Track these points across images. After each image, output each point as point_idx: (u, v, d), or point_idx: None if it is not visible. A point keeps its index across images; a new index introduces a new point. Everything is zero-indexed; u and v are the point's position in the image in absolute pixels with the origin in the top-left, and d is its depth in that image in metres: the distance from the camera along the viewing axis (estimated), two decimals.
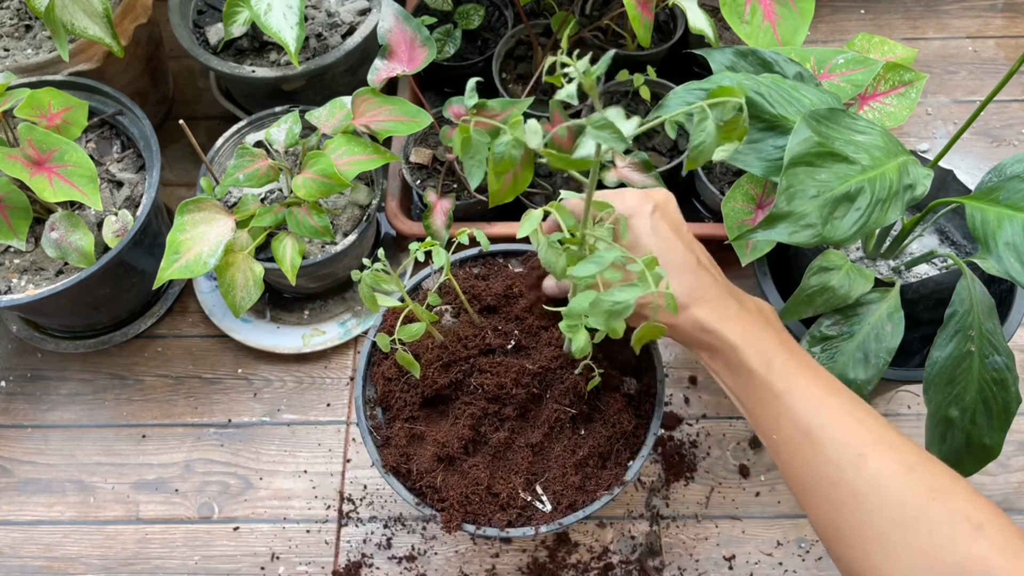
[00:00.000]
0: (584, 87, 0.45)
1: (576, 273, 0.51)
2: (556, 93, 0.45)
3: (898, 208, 0.59)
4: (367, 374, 0.74)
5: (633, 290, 0.49)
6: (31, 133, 0.80)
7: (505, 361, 0.69)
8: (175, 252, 0.78)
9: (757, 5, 0.80)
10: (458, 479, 0.68)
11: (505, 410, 0.69)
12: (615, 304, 0.49)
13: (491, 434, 0.69)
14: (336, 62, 0.98)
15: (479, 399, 0.69)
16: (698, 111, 0.46)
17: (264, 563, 0.87)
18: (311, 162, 0.80)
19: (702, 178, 0.97)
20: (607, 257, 0.51)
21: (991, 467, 0.90)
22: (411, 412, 0.71)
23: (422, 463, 0.69)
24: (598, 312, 0.50)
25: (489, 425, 0.69)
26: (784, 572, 0.86)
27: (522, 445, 0.69)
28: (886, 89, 0.83)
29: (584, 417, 0.70)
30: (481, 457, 0.68)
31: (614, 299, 0.49)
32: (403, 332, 0.64)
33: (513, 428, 0.69)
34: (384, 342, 0.64)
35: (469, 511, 0.67)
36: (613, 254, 0.51)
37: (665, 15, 1.11)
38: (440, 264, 0.63)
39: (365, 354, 0.74)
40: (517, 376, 0.68)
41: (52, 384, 0.99)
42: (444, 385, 0.70)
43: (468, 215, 0.97)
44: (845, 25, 1.25)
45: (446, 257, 0.64)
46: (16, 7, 1.03)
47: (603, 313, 0.50)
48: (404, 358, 0.64)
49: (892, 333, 0.67)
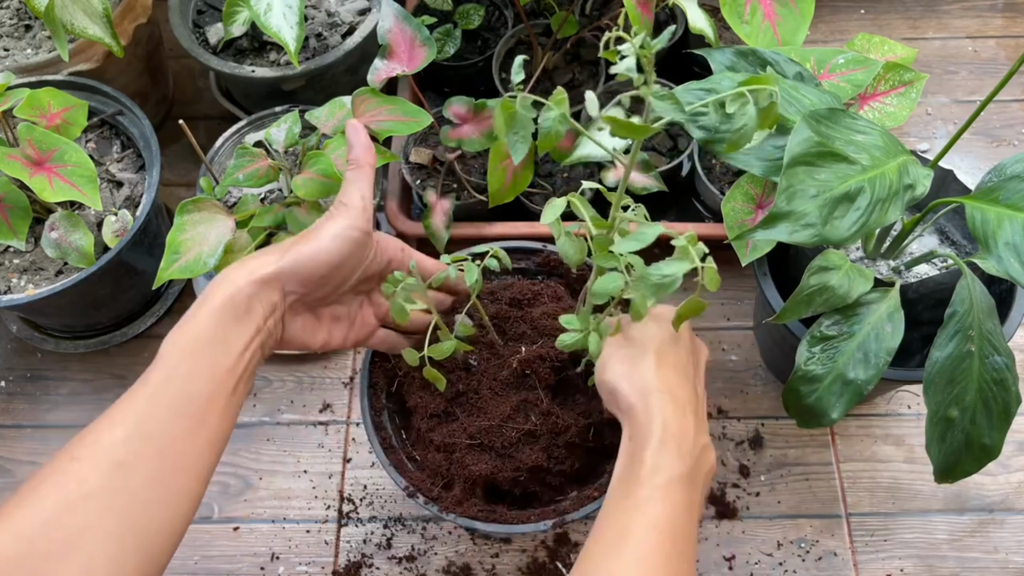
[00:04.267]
0: (641, 61, 0.45)
1: (619, 249, 0.52)
2: (611, 68, 0.45)
3: (898, 208, 0.59)
4: (369, 374, 0.74)
5: (680, 264, 0.50)
6: (31, 133, 0.80)
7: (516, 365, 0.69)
8: (175, 252, 0.78)
9: (757, 5, 0.79)
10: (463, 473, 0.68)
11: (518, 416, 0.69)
12: (663, 277, 0.50)
13: (498, 438, 0.69)
14: (336, 62, 0.98)
15: (487, 414, 0.69)
16: (738, 96, 0.46)
17: (264, 563, 0.87)
18: (311, 162, 0.80)
19: (702, 178, 0.97)
20: (650, 234, 0.51)
21: (991, 467, 0.90)
22: (424, 415, 0.71)
23: (428, 461, 0.69)
24: (645, 286, 0.51)
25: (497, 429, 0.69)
26: (784, 572, 0.86)
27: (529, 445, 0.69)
28: (886, 89, 0.83)
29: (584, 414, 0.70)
30: (487, 452, 0.68)
31: (662, 272, 0.50)
32: (433, 351, 0.64)
33: (522, 435, 0.69)
34: (412, 357, 0.64)
35: (474, 508, 0.67)
36: (655, 230, 0.51)
37: (665, 15, 1.11)
38: (472, 281, 0.63)
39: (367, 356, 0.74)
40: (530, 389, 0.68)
41: (52, 384, 0.99)
42: (460, 392, 0.70)
43: (468, 215, 0.97)
44: (845, 25, 1.25)
45: (478, 274, 0.63)
46: (16, 7, 1.03)
47: (651, 287, 0.50)
48: (431, 374, 0.65)
49: (892, 333, 0.67)
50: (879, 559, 0.86)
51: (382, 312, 0.67)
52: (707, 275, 0.51)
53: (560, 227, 0.56)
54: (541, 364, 0.69)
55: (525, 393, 0.68)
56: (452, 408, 0.70)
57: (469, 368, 0.70)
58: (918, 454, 0.91)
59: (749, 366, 0.97)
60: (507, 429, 0.67)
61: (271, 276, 0.56)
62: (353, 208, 0.59)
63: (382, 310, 0.67)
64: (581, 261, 0.57)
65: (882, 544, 0.87)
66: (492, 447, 0.68)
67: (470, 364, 0.70)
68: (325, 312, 0.63)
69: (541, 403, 0.68)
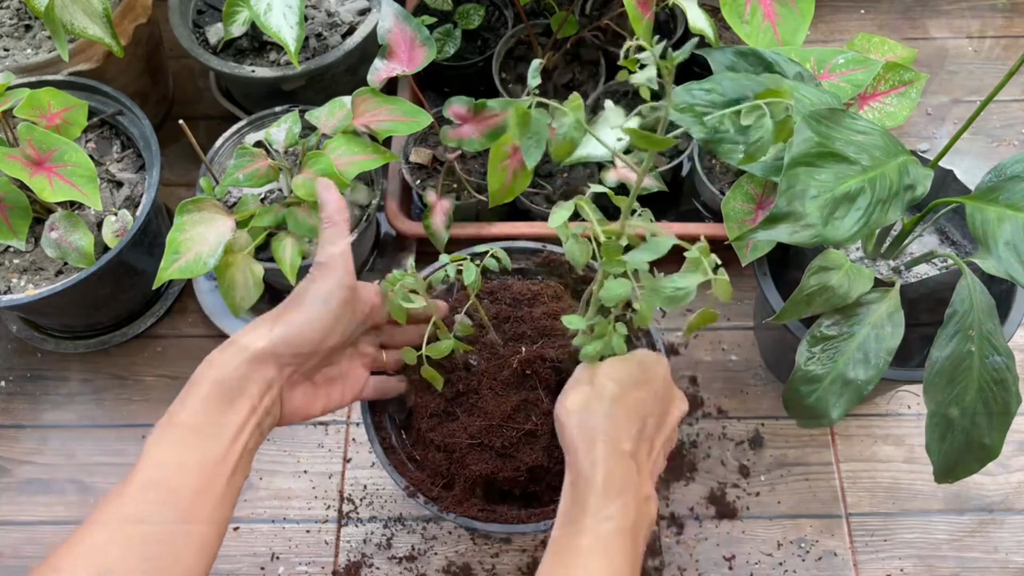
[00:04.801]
0: (661, 72, 0.45)
1: (633, 259, 0.52)
2: (632, 77, 0.45)
3: (898, 208, 0.59)
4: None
5: (693, 276, 0.50)
6: (31, 133, 0.80)
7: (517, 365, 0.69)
8: (175, 252, 0.78)
9: (757, 5, 0.80)
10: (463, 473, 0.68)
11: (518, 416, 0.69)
12: (677, 290, 0.50)
13: (499, 438, 0.69)
14: (336, 62, 0.98)
15: (488, 412, 0.69)
16: (754, 109, 0.46)
17: (264, 563, 0.87)
18: (311, 162, 0.80)
19: (702, 178, 0.97)
20: (664, 244, 0.51)
21: (991, 467, 0.90)
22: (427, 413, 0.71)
23: (428, 461, 0.69)
24: (658, 298, 0.51)
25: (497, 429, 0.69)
26: (784, 572, 0.86)
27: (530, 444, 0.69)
28: (886, 89, 0.83)
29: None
30: (487, 452, 0.68)
31: (676, 285, 0.50)
32: (432, 350, 0.64)
33: (523, 433, 0.69)
34: (410, 356, 0.64)
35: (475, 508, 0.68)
36: (669, 242, 0.51)
37: (665, 15, 1.11)
38: (470, 281, 0.62)
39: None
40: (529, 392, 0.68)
41: (52, 384, 0.99)
42: (460, 392, 0.70)
43: (468, 215, 0.97)
44: (845, 25, 1.25)
45: (476, 275, 0.63)
46: (16, 7, 1.03)
47: (664, 299, 0.50)
48: (429, 373, 0.65)
49: (892, 333, 0.67)
50: (879, 559, 0.86)
51: (369, 360, 0.66)
52: (719, 287, 0.50)
53: (567, 230, 0.56)
54: (542, 364, 0.69)
55: (526, 393, 0.68)
56: (452, 408, 0.69)
57: (469, 368, 0.70)
58: (918, 454, 0.91)
59: (749, 366, 0.97)
60: (508, 429, 0.67)
61: (264, 352, 0.54)
62: (335, 267, 0.58)
63: (368, 358, 0.66)
64: (586, 263, 0.57)
65: (882, 544, 0.87)
66: (492, 447, 0.67)
67: (470, 364, 0.70)
68: (319, 377, 0.61)
69: (542, 403, 0.68)
